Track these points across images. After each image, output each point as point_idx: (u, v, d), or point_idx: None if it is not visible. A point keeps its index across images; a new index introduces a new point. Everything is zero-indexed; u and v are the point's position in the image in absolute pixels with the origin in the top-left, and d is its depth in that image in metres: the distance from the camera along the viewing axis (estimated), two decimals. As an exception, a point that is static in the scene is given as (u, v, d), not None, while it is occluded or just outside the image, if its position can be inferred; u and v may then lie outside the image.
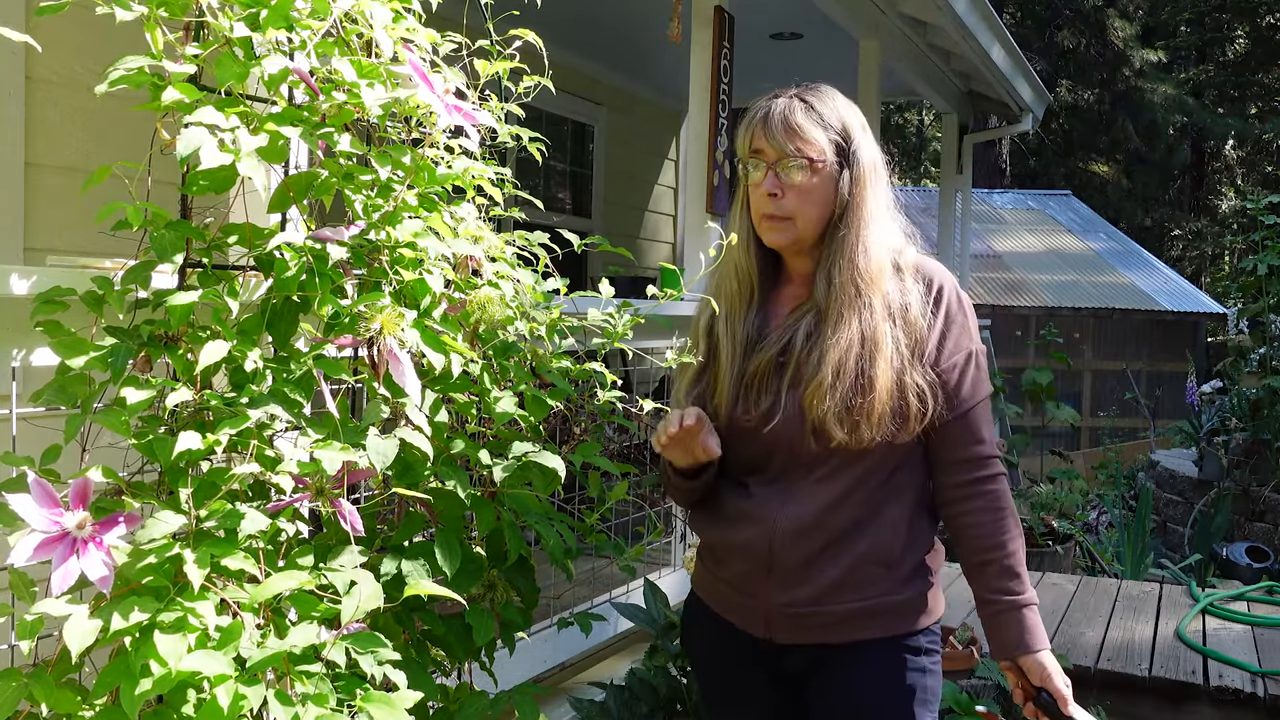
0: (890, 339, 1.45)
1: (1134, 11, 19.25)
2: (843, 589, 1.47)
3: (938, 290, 1.52)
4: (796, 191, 1.49)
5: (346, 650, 1.06)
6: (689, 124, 3.96)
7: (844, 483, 1.47)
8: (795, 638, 1.51)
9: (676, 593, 3.28)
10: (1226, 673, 3.41)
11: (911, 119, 22.67)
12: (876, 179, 1.52)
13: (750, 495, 1.53)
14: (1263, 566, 5.74)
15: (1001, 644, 1.49)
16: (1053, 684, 1.45)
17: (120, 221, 1.11)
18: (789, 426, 1.47)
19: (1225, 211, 21.66)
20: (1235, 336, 7.18)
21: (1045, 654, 1.46)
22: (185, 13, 1.18)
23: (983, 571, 1.50)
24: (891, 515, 1.49)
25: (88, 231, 3.02)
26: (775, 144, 1.49)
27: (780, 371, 1.50)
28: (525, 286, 1.49)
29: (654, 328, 1.94)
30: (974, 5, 5.39)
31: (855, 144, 1.51)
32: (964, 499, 1.51)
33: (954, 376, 1.49)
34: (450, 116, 1.31)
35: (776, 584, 1.49)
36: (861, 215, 1.49)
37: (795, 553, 1.47)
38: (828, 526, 1.47)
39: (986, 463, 1.51)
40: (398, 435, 1.20)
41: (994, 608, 1.49)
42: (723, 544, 1.56)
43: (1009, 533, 1.49)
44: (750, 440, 1.51)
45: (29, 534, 1.00)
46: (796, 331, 1.50)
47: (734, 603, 1.56)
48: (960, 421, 1.49)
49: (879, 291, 1.47)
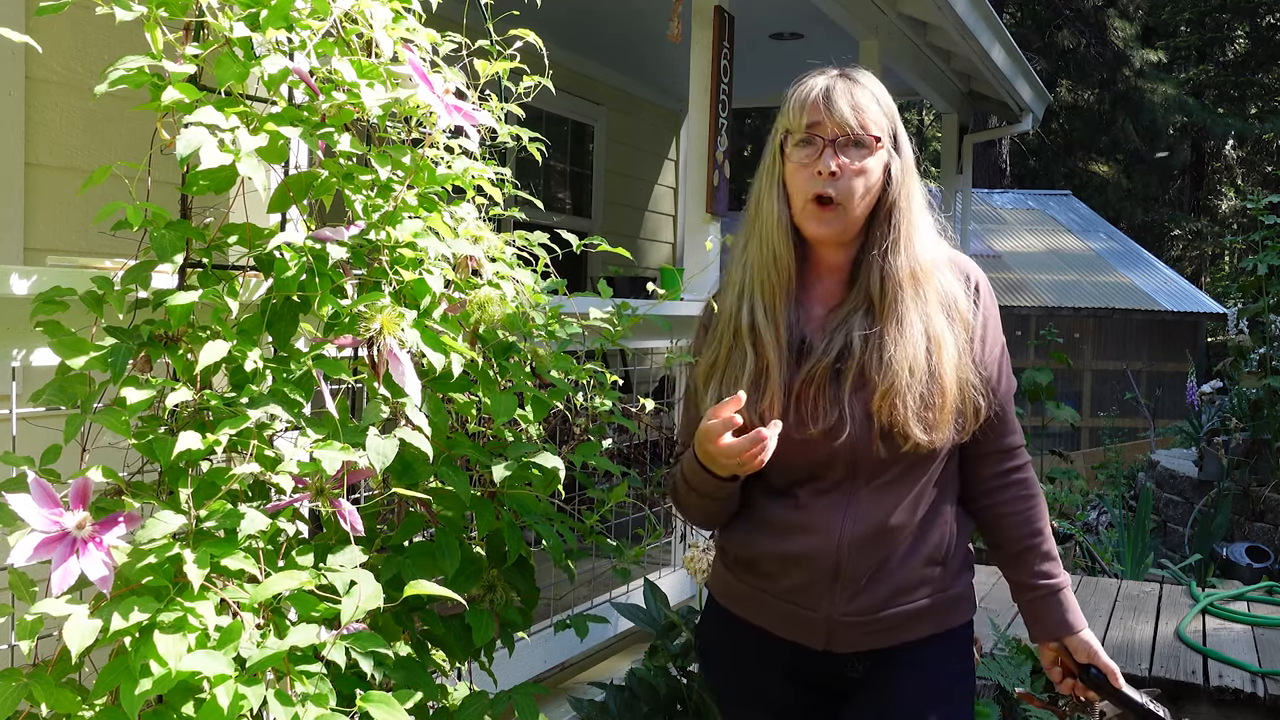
0: (950, 334, 1.41)
1: (1134, 11, 19.24)
2: (906, 591, 1.44)
3: (975, 284, 1.49)
4: (854, 173, 1.39)
5: (346, 650, 1.06)
6: (689, 124, 3.96)
7: (906, 487, 1.42)
8: (857, 645, 1.45)
9: (676, 593, 3.28)
10: (1226, 673, 3.41)
11: (911, 119, 22.67)
12: (913, 171, 1.47)
13: (802, 506, 1.43)
14: (1263, 566, 5.74)
15: (1047, 626, 1.50)
16: (1100, 660, 1.47)
17: (120, 221, 1.11)
18: (858, 436, 1.38)
19: (1225, 211, 21.66)
20: (1235, 336, 7.17)
21: (1087, 632, 1.49)
22: (185, 13, 1.18)
23: (1025, 558, 1.51)
24: (944, 514, 1.47)
25: (88, 231, 3.04)
26: (840, 119, 1.39)
27: (838, 378, 1.40)
28: (525, 287, 1.49)
29: (653, 328, 1.94)
30: (974, 5, 5.39)
31: (899, 131, 1.45)
32: (1001, 489, 1.51)
33: (994, 370, 1.48)
34: (450, 116, 1.31)
35: (842, 594, 1.42)
36: (913, 205, 1.43)
37: (864, 562, 1.41)
38: (895, 533, 1.42)
39: (1018, 452, 1.52)
40: (398, 435, 1.20)
41: (1038, 592, 1.50)
42: (773, 556, 1.45)
43: (1044, 518, 1.52)
44: (807, 452, 1.41)
45: (29, 534, 1.00)
46: (850, 334, 1.40)
47: (783, 614, 1.47)
48: (998, 414, 1.49)
49: (934, 286, 1.42)
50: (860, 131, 1.39)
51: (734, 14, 3.93)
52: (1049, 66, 17.92)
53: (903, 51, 5.52)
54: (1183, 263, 21.55)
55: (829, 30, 5.13)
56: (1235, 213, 21.00)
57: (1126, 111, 18.43)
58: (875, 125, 1.40)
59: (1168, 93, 17.89)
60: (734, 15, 3.93)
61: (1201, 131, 19.81)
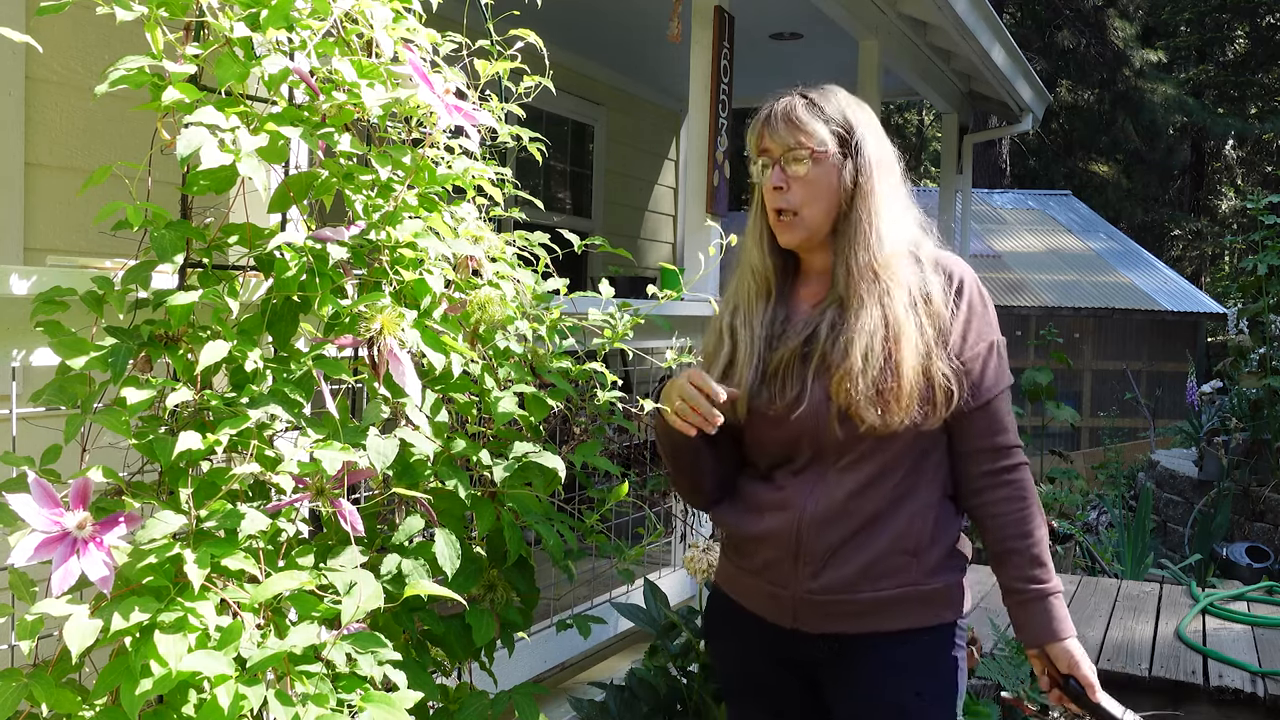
0: (914, 324, 1.48)
1: (1134, 11, 19.24)
2: (871, 577, 1.49)
3: (959, 282, 1.54)
4: (800, 183, 1.52)
5: (346, 650, 1.06)
6: (689, 124, 3.96)
7: (870, 469, 1.48)
8: (823, 626, 1.52)
9: (676, 593, 3.29)
10: (1226, 673, 3.41)
11: (911, 119, 22.67)
12: (886, 171, 1.55)
13: (778, 487, 1.55)
14: (1263, 566, 5.75)
15: (1029, 632, 1.51)
16: (1080, 671, 1.47)
17: (120, 221, 1.11)
18: (815, 413, 1.49)
19: (1225, 211, 21.67)
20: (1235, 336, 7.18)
21: (1072, 641, 1.48)
22: (185, 13, 1.18)
23: (1009, 560, 1.51)
24: (918, 503, 1.51)
25: (88, 231, 3.04)
26: (778, 140, 1.53)
27: (805, 361, 1.52)
28: (525, 287, 1.49)
29: (654, 328, 1.94)
30: (974, 5, 5.39)
31: (859, 136, 1.54)
32: (989, 488, 1.52)
33: (977, 366, 1.51)
34: (450, 116, 1.31)
35: (805, 572, 1.50)
36: (871, 203, 1.52)
37: (823, 539, 1.49)
38: (855, 512, 1.48)
39: (1010, 452, 1.53)
40: (398, 435, 1.20)
41: (1021, 596, 1.51)
42: (750, 535, 1.57)
43: (1034, 521, 1.51)
44: (776, 429, 1.53)
45: (29, 534, 1.00)
46: (821, 323, 1.53)
47: (761, 593, 1.57)
48: (983, 411, 1.51)
49: (897, 278, 1.49)
50: (797, 147, 1.52)
51: (734, 14, 3.93)
52: (1049, 66, 17.92)
53: (903, 51, 5.52)
54: (1183, 263, 21.55)
55: (829, 30, 5.14)
56: (1235, 213, 21.00)
57: (1126, 111, 18.43)
58: (813, 138, 1.52)
59: (1168, 93, 17.89)
60: (734, 15, 3.93)
61: (1201, 131, 19.81)
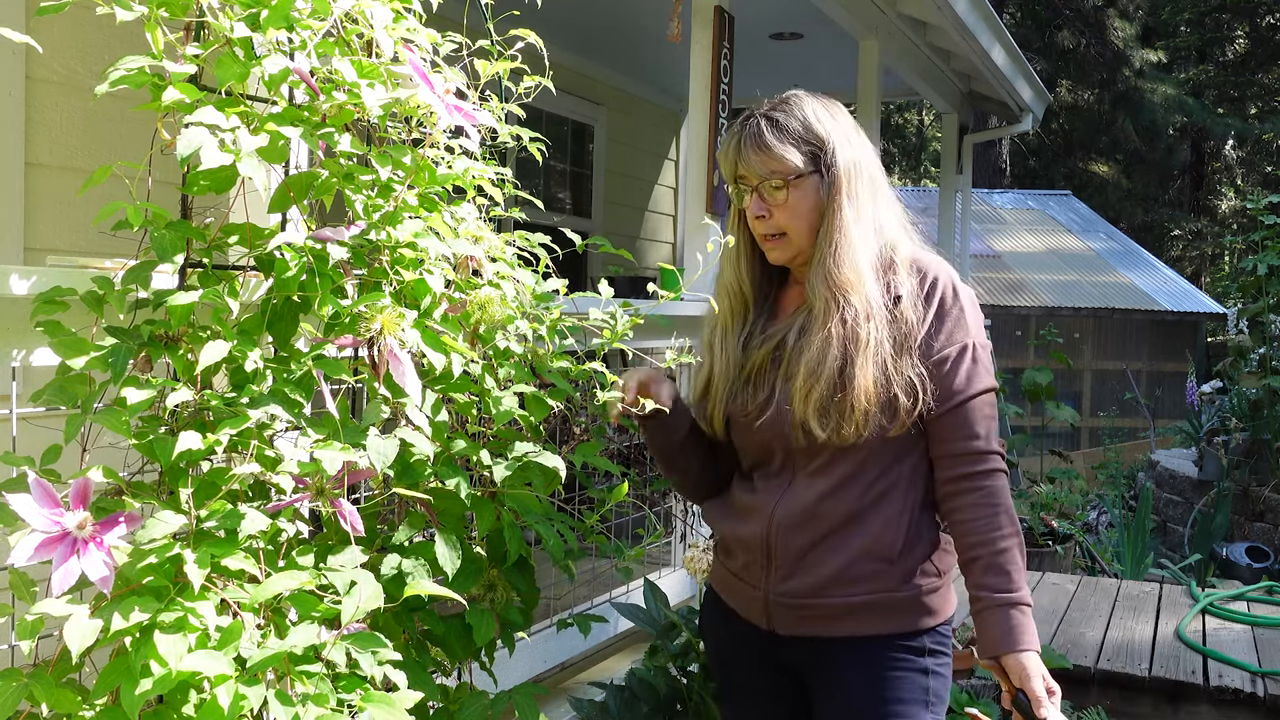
0: (872, 337, 1.46)
1: (1134, 11, 19.24)
2: (842, 582, 1.49)
3: (931, 282, 1.53)
4: (782, 209, 1.53)
5: (346, 650, 1.06)
6: (689, 124, 3.96)
7: (839, 474, 1.49)
8: (794, 629, 1.54)
9: (676, 593, 3.28)
10: (1226, 672, 3.41)
11: (911, 119, 22.66)
12: (855, 177, 1.53)
13: (754, 489, 1.58)
14: (1263, 566, 5.75)
15: (984, 641, 1.47)
16: (1029, 686, 1.41)
17: (120, 221, 1.11)
18: (780, 419, 1.51)
19: (1225, 211, 21.66)
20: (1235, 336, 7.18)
21: (1027, 655, 1.42)
22: (185, 13, 1.18)
23: (971, 567, 1.48)
24: (893, 508, 1.49)
25: (88, 231, 3.04)
26: (752, 169, 1.53)
27: (775, 365, 1.55)
28: (525, 287, 1.49)
29: (654, 328, 1.95)
30: (974, 5, 5.39)
31: (830, 148, 1.53)
32: (956, 494, 1.49)
33: (944, 368, 1.48)
34: (450, 116, 1.31)
35: (776, 574, 1.53)
36: (833, 223, 1.52)
37: (792, 543, 1.51)
38: (824, 516, 1.49)
39: (981, 458, 1.48)
40: (398, 435, 1.20)
41: (979, 604, 1.47)
42: (730, 537, 1.61)
43: (1000, 530, 1.46)
44: (749, 433, 1.57)
45: (29, 534, 1.00)
46: (790, 329, 1.55)
47: (741, 594, 1.60)
48: (951, 415, 1.48)
49: (858, 293, 1.48)
50: (771, 176, 1.52)
51: (734, 14, 3.93)
52: (1049, 66, 17.91)
53: (903, 51, 5.52)
54: (1183, 263, 21.54)
55: (829, 30, 5.14)
56: (1235, 213, 20.99)
57: (1126, 111, 18.42)
58: (786, 164, 1.51)
59: (1168, 93, 17.89)
60: (734, 15, 3.93)
61: (1201, 132, 19.81)
